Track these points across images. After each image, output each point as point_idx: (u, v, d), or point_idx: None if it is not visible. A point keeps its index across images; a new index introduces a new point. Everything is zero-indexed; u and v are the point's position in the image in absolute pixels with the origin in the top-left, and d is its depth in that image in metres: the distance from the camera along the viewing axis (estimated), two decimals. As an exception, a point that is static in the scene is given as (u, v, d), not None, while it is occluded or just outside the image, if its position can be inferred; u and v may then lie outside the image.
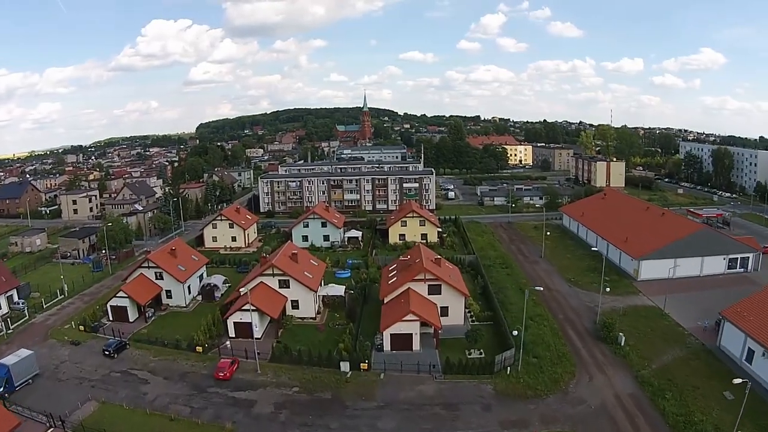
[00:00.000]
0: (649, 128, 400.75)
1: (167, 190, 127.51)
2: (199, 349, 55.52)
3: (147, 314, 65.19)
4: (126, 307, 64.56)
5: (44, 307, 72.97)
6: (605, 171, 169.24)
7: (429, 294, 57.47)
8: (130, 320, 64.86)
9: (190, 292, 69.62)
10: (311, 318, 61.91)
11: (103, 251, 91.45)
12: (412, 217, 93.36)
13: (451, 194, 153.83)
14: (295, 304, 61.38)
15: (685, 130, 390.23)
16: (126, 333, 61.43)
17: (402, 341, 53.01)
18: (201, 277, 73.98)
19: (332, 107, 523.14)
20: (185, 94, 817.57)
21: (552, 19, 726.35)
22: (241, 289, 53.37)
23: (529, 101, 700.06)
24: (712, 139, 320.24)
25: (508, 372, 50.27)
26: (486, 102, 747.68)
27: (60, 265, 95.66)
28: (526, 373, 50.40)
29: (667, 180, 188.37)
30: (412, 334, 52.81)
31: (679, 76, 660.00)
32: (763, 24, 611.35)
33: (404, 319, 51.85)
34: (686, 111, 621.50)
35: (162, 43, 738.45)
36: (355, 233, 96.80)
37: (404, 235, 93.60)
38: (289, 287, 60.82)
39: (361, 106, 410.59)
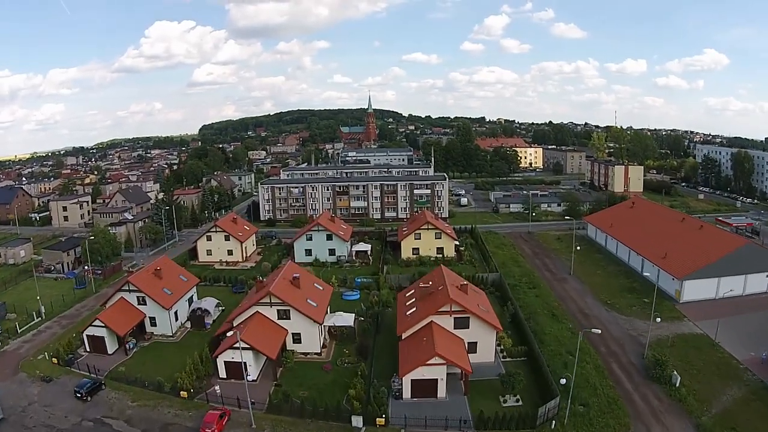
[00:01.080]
0: (655, 129, 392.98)
1: (161, 197, 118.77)
2: (184, 394, 47.06)
3: (127, 345, 56.88)
4: (104, 337, 56.33)
5: (19, 331, 65.20)
6: (623, 175, 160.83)
7: (455, 328, 48.69)
8: (109, 352, 56.70)
9: (177, 319, 61.07)
10: (316, 354, 53.05)
11: (86, 267, 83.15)
12: (427, 229, 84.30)
13: (464, 200, 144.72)
14: (296, 338, 52.63)
15: (692, 132, 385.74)
16: (102, 369, 53.27)
17: (425, 388, 44.36)
18: (191, 300, 65.43)
19: (336, 108, 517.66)
20: (189, 96, 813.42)
21: (555, 20, 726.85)
22: (229, 333, 44.72)
23: (532, 102, 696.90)
24: (719, 140, 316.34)
25: (553, 426, 41.82)
26: (489, 103, 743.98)
27: (42, 280, 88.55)
28: (573, 427, 42.12)
29: (684, 184, 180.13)
30: (437, 379, 44.14)
31: (682, 77, 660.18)
32: (765, 24, 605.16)
33: (428, 362, 43.16)
34: (690, 112, 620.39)
35: (165, 45, 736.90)
36: (363, 247, 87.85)
37: (418, 249, 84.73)
38: (289, 318, 52.06)
39: (365, 107, 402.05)
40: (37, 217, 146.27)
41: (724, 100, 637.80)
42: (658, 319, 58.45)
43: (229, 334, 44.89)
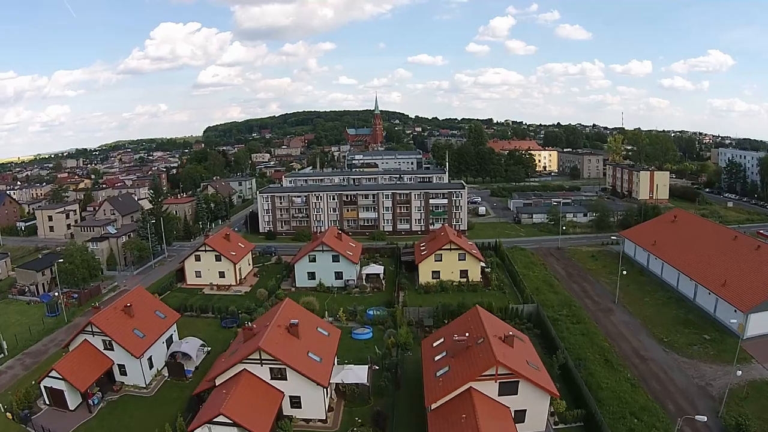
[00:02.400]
0: (664, 131, 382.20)
1: (148, 209, 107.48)
2: (151, 480, 36.67)
3: (91, 401, 46.41)
4: (63, 391, 45.96)
5: (-23, 373, 55.45)
6: (649, 182, 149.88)
7: (500, 395, 37.68)
8: (70, 408, 46.30)
9: (151, 367, 50.15)
10: (320, 420, 41.90)
11: (57, 293, 72.80)
12: (449, 249, 73.09)
13: (482, 209, 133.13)
14: (295, 401, 41.69)
15: (700, 133, 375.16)
16: (59, 432, 43.12)
17: (464, 480, 33.59)
18: (170, 340, 54.71)
19: (342, 110, 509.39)
20: (194, 97, 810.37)
21: (561, 21, 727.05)
22: (198, 430, 33.92)
23: (538, 104, 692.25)
24: (727, 142, 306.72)
25: None
26: (495, 105, 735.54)
27: (14, 303, 79.06)
28: None
29: (707, 190, 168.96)
30: (480, 471, 33.26)
31: (687, 78, 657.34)
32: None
33: (470, 452, 32.30)
34: (695, 113, 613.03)
35: (170, 46, 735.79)
36: (375, 269, 76.39)
37: (439, 272, 73.36)
38: (285, 379, 41.02)
39: (371, 108, 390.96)
40: (23, 227, 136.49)
41: (729, 101, 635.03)
42: (739, 372, 47.58)
43: (198, 431, 34.03)
